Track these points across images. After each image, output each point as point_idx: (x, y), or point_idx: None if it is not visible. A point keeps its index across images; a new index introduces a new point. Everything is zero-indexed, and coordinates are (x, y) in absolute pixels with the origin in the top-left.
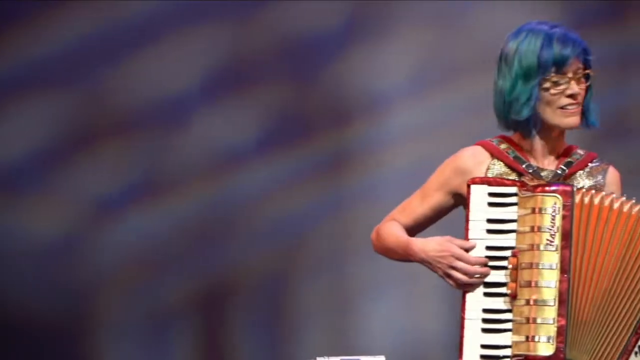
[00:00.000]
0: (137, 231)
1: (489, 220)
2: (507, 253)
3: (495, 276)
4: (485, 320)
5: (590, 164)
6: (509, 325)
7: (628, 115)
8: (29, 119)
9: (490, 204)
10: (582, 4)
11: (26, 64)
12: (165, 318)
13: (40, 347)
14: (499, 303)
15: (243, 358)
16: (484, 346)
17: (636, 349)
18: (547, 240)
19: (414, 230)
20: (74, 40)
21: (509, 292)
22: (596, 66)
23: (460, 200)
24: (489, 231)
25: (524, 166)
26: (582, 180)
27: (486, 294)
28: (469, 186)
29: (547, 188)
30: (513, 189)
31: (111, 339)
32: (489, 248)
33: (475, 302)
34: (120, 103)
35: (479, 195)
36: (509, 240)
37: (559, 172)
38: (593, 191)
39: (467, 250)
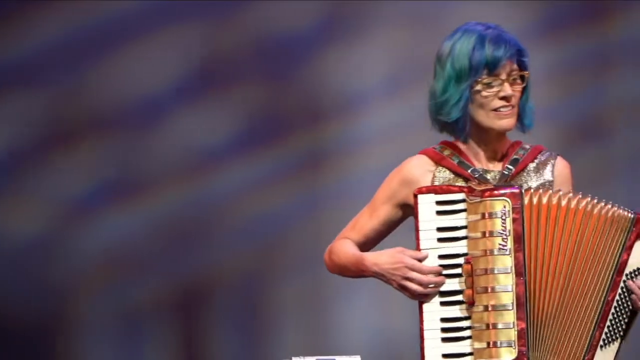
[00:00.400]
0: (113, 231)
1: (439, 229)
2: (460, 260)
3: (450, 284)
4: (444, 330)
5: (539, 156)
6: (468, 333)
7: (607, 115)
8: (4, 118)
9: (439, 212)
10: (559, 4)
11: (1, 63)
12: (142, 318)
13: (15, 346)
14: (456, 311)
15: (219, 358)
16: (445, 355)
17: (601, 342)
18: (500, 244)
19: (366, 245)
20: (50, 39)
21: (465, 299)
22: (575, 66)
23: (409, 211)
24: (440, 240)
25: (469, 171)
26: (531, 178)
27: (443, 303)
28: (415, 196)
29: (495, 192)
30: (460, 196)
31: (87, 338)
32: (441, 257)
33: (433, 312)
34: (96, 102)
35: (426, 205)
36: (461, 247)
37: (506, 172)
38: (541, 190)
39: (420, 260)
